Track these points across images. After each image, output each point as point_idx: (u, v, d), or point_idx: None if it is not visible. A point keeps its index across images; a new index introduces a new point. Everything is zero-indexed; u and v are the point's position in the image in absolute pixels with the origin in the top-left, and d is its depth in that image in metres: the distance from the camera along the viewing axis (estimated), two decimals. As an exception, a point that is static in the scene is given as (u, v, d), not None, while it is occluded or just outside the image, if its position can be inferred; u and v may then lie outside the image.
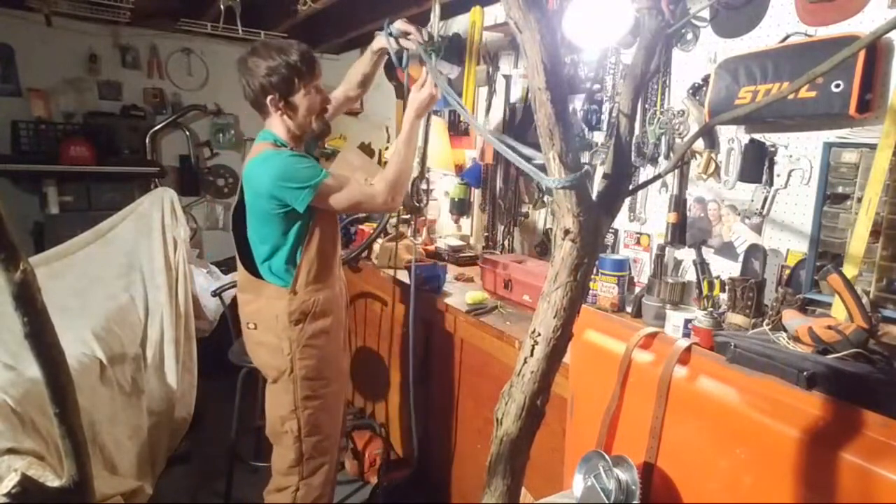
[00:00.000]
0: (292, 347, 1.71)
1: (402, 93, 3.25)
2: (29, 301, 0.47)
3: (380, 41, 1.80)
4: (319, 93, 1.66)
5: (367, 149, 3.79)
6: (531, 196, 2.47)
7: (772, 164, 1.57)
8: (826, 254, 1.42)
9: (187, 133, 3.92)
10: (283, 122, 1.66)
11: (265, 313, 1.72)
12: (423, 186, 2.23)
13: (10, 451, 1.43)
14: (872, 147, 1.28)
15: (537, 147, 0.81)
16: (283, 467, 1.81)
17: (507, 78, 2.51)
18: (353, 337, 2.88)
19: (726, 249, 1.70)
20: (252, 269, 1.75)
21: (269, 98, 1.60)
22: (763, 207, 1.59)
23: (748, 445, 1.06)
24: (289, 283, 1.69)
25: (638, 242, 1.99)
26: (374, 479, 2.46)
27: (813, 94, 1.35)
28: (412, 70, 1.79)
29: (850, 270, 1.27)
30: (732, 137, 1.66)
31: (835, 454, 0.93)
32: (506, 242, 2.61)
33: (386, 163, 1.83)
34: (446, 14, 2.80)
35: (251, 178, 1.63)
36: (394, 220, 2.76)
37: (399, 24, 1.73)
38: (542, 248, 2.42)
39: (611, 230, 2.04)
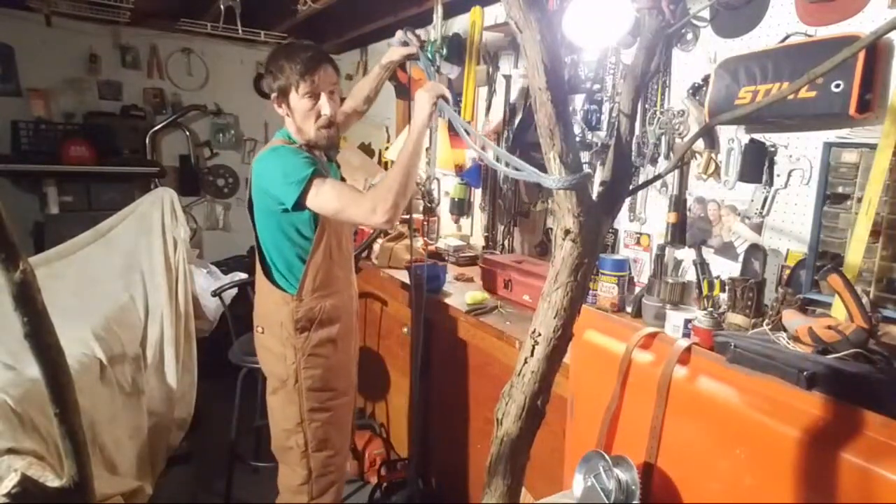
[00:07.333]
0: (297, 356, 1.63)
1: (402, 93, 3.27)
2: (29, 301, 0.47)
3: (391, 54, 1.83)
4: (313, 99, 1.58)
5: (367, 149, 3.79)
6: (531, 196, 2.47)
7: (772, 164, 1.57)
8: (826, 254, 1.42)
9: (187, 133, 3.92)
10: (290, 121, 1.66)
11: (272, 318, 1.66)
12: (434, 188, 2.24)
13: (10, 451, 1.43)
14: (872, 147, 1.28)
15: (537, 147, 0.82)
16: (291, 485, 1.72)
17: (507, 78, 2.51)
18: (353, 337, 2.88)
19: (726, 249, 1.70)
20: (265, 270, 1.69)
21: (272, 95, 1.64)
22: (763, 207, 1.59)
23: (748, 445, 1.06)
24: (295, 289, 1.62)
25: (638, 242, 1.99)
26: (374, 479, 2.46)
27: (813, 94, 1.35)
28: (414, 72, 1.80)
29: (850, 270, 1.27)
30: (732, 137, 1.65)
31: (835, 454, 0.93)
32: (506, 242, 2.61)
33: (387, 163, 1.83)
34: (446, 14, 2.79)
35: (254, 170, 1.62)
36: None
37: (401, 35, 1.79)
38: (542, 248, 2.42)
39: (611, 230, 2.04)
